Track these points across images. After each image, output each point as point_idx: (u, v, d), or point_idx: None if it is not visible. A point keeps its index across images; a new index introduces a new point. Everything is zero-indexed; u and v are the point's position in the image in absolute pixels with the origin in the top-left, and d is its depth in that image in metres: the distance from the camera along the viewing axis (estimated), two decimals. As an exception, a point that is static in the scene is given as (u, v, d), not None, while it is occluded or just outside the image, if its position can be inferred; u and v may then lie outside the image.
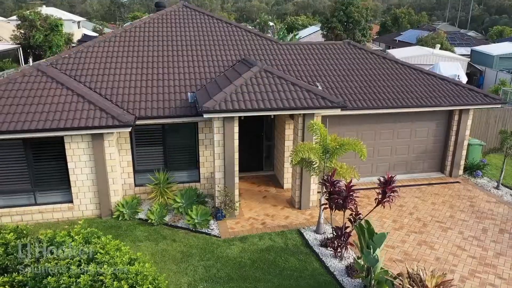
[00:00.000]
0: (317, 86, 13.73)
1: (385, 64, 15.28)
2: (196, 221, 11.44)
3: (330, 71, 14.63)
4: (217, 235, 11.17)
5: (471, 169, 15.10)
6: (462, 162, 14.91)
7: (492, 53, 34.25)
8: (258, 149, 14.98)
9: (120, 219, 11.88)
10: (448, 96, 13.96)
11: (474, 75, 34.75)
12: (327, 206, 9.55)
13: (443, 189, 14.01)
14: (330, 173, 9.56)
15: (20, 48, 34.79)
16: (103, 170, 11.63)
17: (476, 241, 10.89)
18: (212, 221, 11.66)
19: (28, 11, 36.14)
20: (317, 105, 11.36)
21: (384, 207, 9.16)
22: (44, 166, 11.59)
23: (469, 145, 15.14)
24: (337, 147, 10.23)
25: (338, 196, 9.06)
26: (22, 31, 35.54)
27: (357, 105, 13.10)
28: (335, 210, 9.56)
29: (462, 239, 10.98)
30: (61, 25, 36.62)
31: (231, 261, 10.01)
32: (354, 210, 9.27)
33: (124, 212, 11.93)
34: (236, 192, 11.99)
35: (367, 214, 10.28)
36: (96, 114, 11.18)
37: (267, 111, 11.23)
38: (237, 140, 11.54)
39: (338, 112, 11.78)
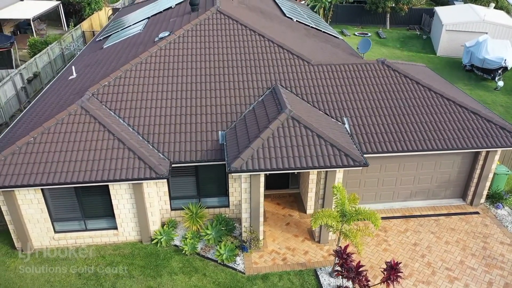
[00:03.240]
0: (344, 123, 14.03)
1: (417, 92, 15.09)
2: (224, 256, 12.90)
3: (359, 101, 14.71)
4: (242, 270, 12.64)
5: (493, 198, 15.40)
6: (485, 193, 15.19)
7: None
8: (285, 170, 15.80)
9: (158, 245, 13.53)
10: (476, 137, 13.92)
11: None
12: (339, 274, 10.62)
13: (460, 223, 14.59)
14: (343, 247, 10.49)
15: (61, 5, 35.28)
16: (142, 206, 13.05)
17: (478, 298, 11.81)
18: (238, 257, 13.05)
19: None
20: (340, 164, 11.92)
21: (388, 287, 10.15)
22: (91, 200, 13.09)
23: (495, 173, 15.26)
24: (354, 214, 11.03)
25: (347, 273, 10.09)
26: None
27: (381, 148, 13.44)
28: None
29: (466, 294, 11.92)
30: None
31: (253, 306, 11.57)
32: (363, 283, 10.31)
33: (162, 239, 13.53)
34: (261, 228, 13.20)
35: (376, 285, 11.34)
36: (135, 163, 12.30)
37: (291, 170, 11.94)
38: (263, 188, 12.47)
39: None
